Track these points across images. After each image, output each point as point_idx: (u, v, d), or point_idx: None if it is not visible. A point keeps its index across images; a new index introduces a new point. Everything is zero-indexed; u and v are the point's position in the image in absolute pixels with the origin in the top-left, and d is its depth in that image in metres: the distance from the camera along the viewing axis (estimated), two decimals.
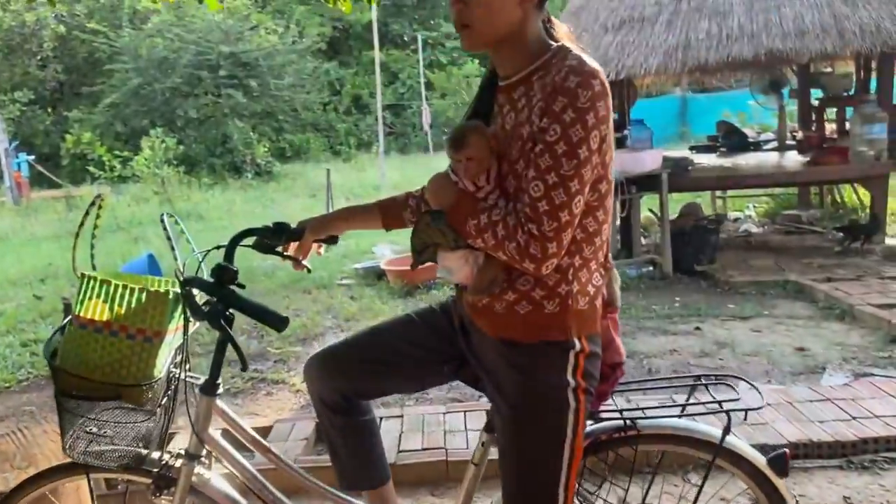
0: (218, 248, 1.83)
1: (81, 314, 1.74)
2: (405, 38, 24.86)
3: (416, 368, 1.88)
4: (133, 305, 1.75)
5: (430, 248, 1.65)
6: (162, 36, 19.58)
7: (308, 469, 2.17)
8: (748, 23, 6.28)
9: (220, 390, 1.86)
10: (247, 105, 19.16)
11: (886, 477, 3.02)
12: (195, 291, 1.73)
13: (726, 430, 1.82)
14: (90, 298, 1.75)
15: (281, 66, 20.38)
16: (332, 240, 1.95)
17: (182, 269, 1.75)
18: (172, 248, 1.82)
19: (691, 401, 1.86)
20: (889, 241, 7.11)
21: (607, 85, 1.48)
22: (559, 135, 1.43)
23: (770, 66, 7.74)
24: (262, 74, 19.68)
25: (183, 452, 1.88)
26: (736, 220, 8.89)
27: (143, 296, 1.75)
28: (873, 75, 7.94)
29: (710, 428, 1.87)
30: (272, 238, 1.90)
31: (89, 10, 22.05)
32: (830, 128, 8.36)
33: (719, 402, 1.82)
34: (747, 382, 1.99)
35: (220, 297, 1.71)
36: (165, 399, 1.81)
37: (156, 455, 1.88)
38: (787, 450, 1.87)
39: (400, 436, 3.44)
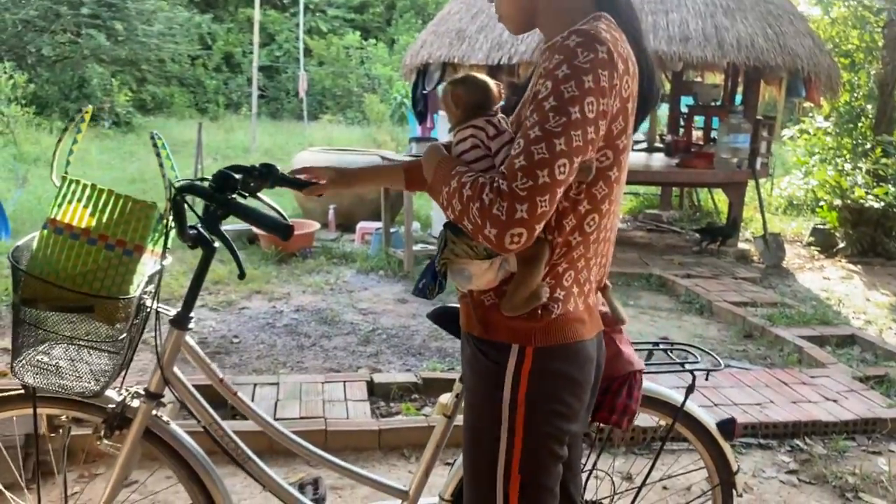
0: (203, 180, 1.76)
1: (59, 218, 1.60)
2: (284, 1, 23.98)
3: None
4: (116, 215, 1.62)
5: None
6: None
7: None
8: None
9: (193, 324, 1.75)
10: (109, 49, 17.79)
11: (743, 461, 3.20)
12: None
13: (689, 391, 1.84)
14: (70, 202, 1.61)
15: (151, 11, 19.07)
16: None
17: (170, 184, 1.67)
18: (161, 166, 1.72)
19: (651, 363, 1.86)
20: (741, 245, 7.62)
21: (619, 59, 1.31)
22: (549, 90, 1.28)
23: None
24: (130, 18, 18.32)
25: (142, 392, 1.71)
26: None
27: (129, 206, 1.63)
28: (739, 89, 8.46)
29: (671, 391, 1.89)
30: (257, 180, 1.77)
31: None
32: (697, 134, 8.83)
33: (682, 363, 1.85)
34: (701, 349, 2.05)
35: (220, 203, 1.66)
36: (132, 328, 1.66)
37: (111, 393, 1.71)
38: (735, 417, 1.93)
39: (276, 403, 3.30)
